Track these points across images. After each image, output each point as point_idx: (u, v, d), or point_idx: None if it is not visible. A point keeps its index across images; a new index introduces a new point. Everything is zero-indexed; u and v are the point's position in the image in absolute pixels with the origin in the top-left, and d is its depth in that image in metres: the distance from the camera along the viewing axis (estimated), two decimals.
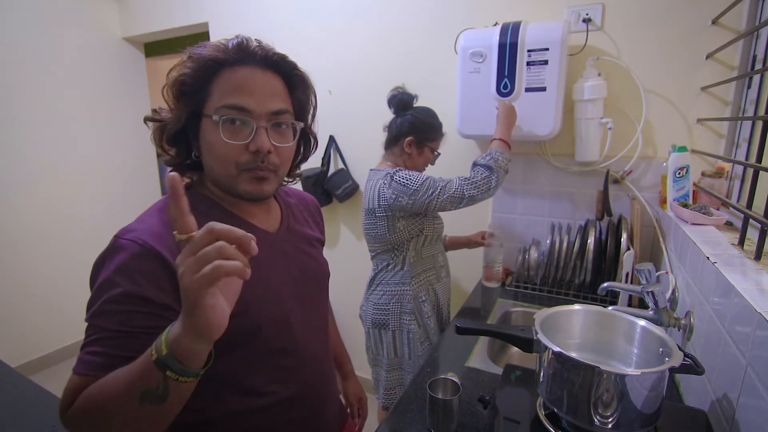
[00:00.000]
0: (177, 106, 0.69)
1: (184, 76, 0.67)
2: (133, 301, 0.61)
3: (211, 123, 0.68)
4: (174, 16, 2.60)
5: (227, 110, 0.67)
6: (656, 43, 1.50)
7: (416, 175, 1.38)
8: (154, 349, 0.53)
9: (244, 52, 0.69)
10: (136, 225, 0.66)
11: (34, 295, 2.65)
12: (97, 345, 0.60)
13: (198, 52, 0.68)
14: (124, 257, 0.62)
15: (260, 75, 0.70)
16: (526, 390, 0.88)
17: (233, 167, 0.69)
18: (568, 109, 1.60)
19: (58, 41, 2.62)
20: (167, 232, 0.63)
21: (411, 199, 1.36)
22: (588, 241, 1.51)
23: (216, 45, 0.69)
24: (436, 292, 1.56)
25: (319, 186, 2.19)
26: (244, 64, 0.69)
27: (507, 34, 1.54)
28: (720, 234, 1.06)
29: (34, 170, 2.60)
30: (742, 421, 0.70)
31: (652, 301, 1.01)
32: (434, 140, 1.52)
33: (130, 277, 0.61)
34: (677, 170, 1.29)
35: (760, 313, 0.64)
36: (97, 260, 0.64)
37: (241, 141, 0.68)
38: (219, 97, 0.68)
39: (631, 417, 0.69)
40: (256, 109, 0.68)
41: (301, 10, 2.16)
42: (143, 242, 0.62)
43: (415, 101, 1.51)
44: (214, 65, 0.68)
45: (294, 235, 0.84)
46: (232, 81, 0.68)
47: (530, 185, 1.79)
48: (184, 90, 0.68)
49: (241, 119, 0.68)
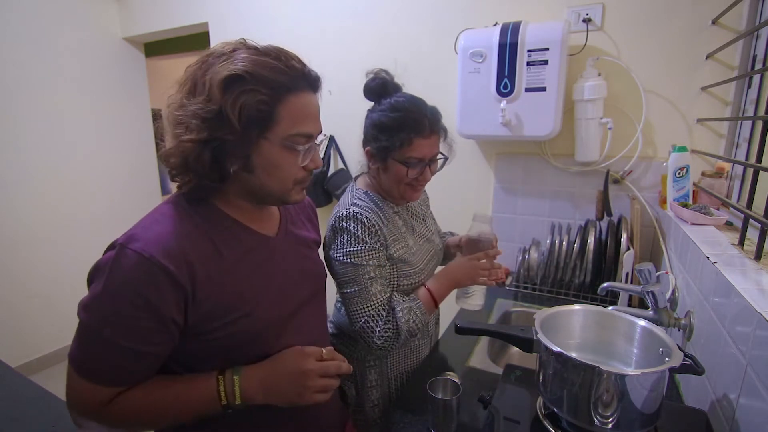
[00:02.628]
0: (246, 130, 0.65)
1: (263, 104, 0.65)
2: (147, 316, 0.62)
3: (279, 147, 0.69)
4: (174, 16, 2.60)
5: (301, 138, 0.70)
6: (656, 43, 1.50)
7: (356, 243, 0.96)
8: (224, 394, 0.67)
9: (301, 77, 0.70)
10: (141, 233, 0.65)
11: (34, 295, 2.65)
12: (107, 357, 0.63)
13: (258, 72, 0.65)
14: (131, 269, 0.61)
15: (313, 99, 0.73)
16: (526, 390, 0.88)
17: (291, 183, 0.73)
18: (568, 109, 1.60)
19: (58, 41, 2.62)
20: (174, 242, 0.65)
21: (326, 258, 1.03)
22: (588, 241, 1.51)
23: (274, 66, 0.67)
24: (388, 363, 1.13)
25: (319, 186, 2.20)
26: (303, 90, 0.70)
27: (507, 34, 1.54)
28: (720, 234, 1.06)
29: (34, 170, 2.60)
30: (742, 421, 0.70)
31: (652, 301, 1.01)
32: (402, 147, 0.98)
33: (139, 291, 0.62)
34: (677, 170, 1.29)
35: (760, 313, 0.64)
36: (100, 265, 0.64)
37: (305, 162, 0.73)
38: (290, 124, 0.68)
39: (631, 417, 0.69)
40: (316, 133, 0.74)
41: (301, 10, 2.16)
42: (150, 256, 0.62)
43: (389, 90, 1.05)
44: (285, 91, 0.67)
45: (292, 239, 0.86)
46: (299, 108, 0.69)
47: (530, 185, 1.79)
48: (257, 115, 0.65)
49: (309, 145, 0.72)
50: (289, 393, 0.71)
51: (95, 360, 0.63)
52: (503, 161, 1.83)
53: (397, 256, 1.03)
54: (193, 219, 0.69)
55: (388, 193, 1.07)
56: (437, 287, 1.06)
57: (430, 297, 1.04)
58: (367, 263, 0.96)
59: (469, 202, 1.94)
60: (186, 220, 0.69)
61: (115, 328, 0.62)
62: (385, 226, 1.02)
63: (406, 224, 1.12)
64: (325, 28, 2.11)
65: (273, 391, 0.70)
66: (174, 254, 0.63)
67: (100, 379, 0.64)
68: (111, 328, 0.62)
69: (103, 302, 0.62)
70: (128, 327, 0.62)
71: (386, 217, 1.04)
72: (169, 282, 0.63)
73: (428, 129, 1.00)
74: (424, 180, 1.05)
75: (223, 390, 0.67)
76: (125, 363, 0.64)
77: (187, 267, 0.64)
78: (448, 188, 1.93)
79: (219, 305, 0.68)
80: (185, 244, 0.65)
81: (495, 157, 1.85)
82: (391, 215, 1.07)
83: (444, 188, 1.91)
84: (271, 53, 0.68)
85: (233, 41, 0.70)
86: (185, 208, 0.70)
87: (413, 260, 1.07)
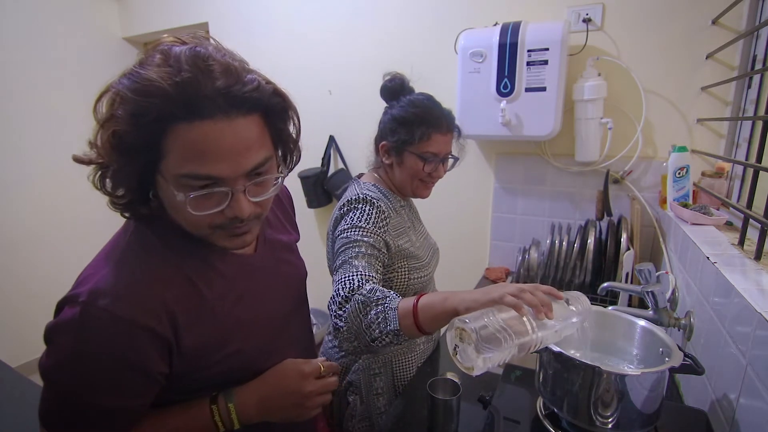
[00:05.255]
0: (121, 162, 0.53)
1: (120, 132, 0.50)
2: (129, 375, 0.56)
3: (173, 187, 0.54)
4: (174, 16, 2.60)
5: (191, 181, 0.53)
6: (656, 43, 1.50)
7: (360, 221, 0.95)
8: (221, 425, 0.64)
9: (198, 101, 0.50)
10: (105, 284, 0.55)
11: (34, 295, 2.65)
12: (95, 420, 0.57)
13: (133, 99, 0.49)
14: (105, 331, 0.53)
15: (227, 129, 0.52)
16: (526, 390, 0.88)
17: (206, 228, 0.59)
18: (568, 109, 1.60)
19: (58, 41, 2.62)
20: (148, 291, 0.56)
21: (332, 239, 1.00)
22: (588, 241, 1.51)
23: (157, 85, 0.49)
24: (394, 370, 1.11)
25: (319, 186, 2.19)
26: (202, 118, 0.51)
27: (507, 34, 1.54)
28: (720, 234, 1.06)
29: (34, 170, 2.59)
30: (742, 421, 0.70)
31: (652, 301, 1.01)
32: (420, 141, 1.02)
33: (118, 354, 0.54)
34: (677, 170, 1.29)
35: (760, 313, 0.64)
36: (61, 325, 0.55)
37: (213, 210, 0.56)
38: (177, 162, 0.52)
39: (631, 417, 0.69)
40: (230, 175, 0.54)
41: (301, 10, 2.16)
42: (125, 315, 0.54)
43: (406, 90, 1.10)
44: (166, 119, 0.50)
45: (271, 247, 0.78)
46: (190, 143, 0.51)
47: (530, 185, 1.79)
48: (124, 147, 0.51)
49: (211, 192, 0.54)
50: (289, 412, 0.69)
51: (76, 424, 0.57)
52: (503, 161, 1.83)
53: (405, 248, 1.03)
54: (160, 253, 0.60)
55: (401, 188, 1.10)
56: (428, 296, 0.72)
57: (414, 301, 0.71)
58: (362, 239, 0.92)
59: (469, 202, 1.94)
60: (153, 255, 0.59)
61: (96, 390, 0.55)
62: (393, 218, 1.02)
63: (410, 219, 1.13)
64: (326, 28, 2.11)
65: (272, 411, 0.68)
66: (151, 306, 0.56)
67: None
68: (91, 390, 0.55)
69: (76, 366, 0.54)
70: (110, 387, 0.56)
71: (394, 209, 1.06)
72: (152, 339, 0.55)
73: (446, 126, 1.05)
74: (437, 176, 1.08)
75: (219, 420, 0.64)
76: (110, 421, 0.58)
77: (167, 317, 0.57)
78: (449, 188, 1.92)
79: (205, 350, 0.62)
80: (160, 289, 0.57)
81: (495, 157, 1.85)
82: (399, 208, 1.09)
83: (444, 188, 1.91)
84: (184, 64, 0.50)
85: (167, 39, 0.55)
86: (148, 238, 0.60)
87: (419, 254, 1.08)
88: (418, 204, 1.23)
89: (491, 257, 1.92)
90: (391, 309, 0.71)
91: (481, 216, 1.92)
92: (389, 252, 0.99)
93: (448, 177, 1.39)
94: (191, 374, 0.62)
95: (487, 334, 0.59)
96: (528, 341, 0.61)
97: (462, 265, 1.96)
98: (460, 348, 0.62)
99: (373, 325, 0.71)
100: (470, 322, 0.60)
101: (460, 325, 0.61)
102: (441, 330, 1.26)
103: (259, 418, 0.67)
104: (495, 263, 1.91)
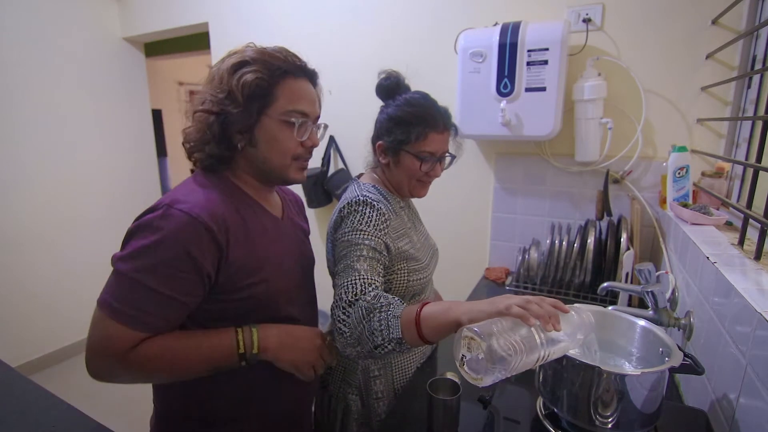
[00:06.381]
0: (247, 105, 0.77)
1: (259, 80, 0.76)
2: (189, 269, 0.69)
3: (278, 122, 0.79)
4: (174, 16, 2.60)
5: (296, 114, 0.81)
6: (656, 43, 1.50)
7: (361, 224, 0.93)
8: (242, 344, 0.74)
9: (298, 66, 0.82)
10: (183, 197, 0.73)
11: (34, 295, 2.65)
12: (144, 303, 0.68)
13: (261, 58, 0.78)
14: (180, 226, 0.69)
15: (310, 86, 0.85)
16: (526, 390, 0.88)
17: (289, 158, 0.83)
18: (568, 109, 1.60)
19: (58, 41, 2.62)
20: (215, 207, 0.74)
21: (332, 241, 0.99)
22: (588, 241, 1.51)
23: (271, 54, 0.79)
24: (393, 373, 1.09)
25: (319, 186, 2.19)
26: (299, 77, 0.82)
27: (507, 34, 1.54)
28: (720, 234, 1.06)
29: (34, 170, 2.60)
30: (742, 421, 0.70)
31: (652, 301, 1.01)
32: (417, 140, 1.01)
33: (185, 245, 0.68)
34: (677, 170, 1.29)
35: (760, 313, 0.64)
36: (144, 222, 0.70)
37: (302, 138, 0.82)
38: (286, 102, 0.79)
39: (631, 417, 0.69)
40: (312, 114, 0.84)
41: (301, 10, 2.16)
42: (197, 215, 0.70)
43: (402, 88, 1.08)
44: (280, 72, 0.79)
45: (292, 224, 0.97)
46: (296, 90, 0.81)
47: (530, 185, 1.79)
48: (257, 92, 0.77)
49: (304, 121, 0.82)
50: (297, 355, 0.80)
51: (134, 306, 0.68)
52: (503, 161, 1.83)
53: (405, 250, 1.02)
54: (221, 191, 0.79)
55: (398, 187, 1.09)
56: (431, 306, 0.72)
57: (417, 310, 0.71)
58: (363, 242, 0.91)
59: (469, 202, 1.94)
60: (218, 190, 0.79)
61: (160, 277, 0.68)
62: (393, 220, 1.02)
63: (410, 220, 1.13)
64: (325, 28, 2.11)
65: (285, 349, 0.79)
66: (216, 217, 0.72)
67: (136, 322, 0.68)
68: (155, 277, 0.68)
69: (149, 254, 0.68)
70: (171, 277, 0.68)
71: (394, 211, 1.05)
72: (211, 241, 0.71)
73: (442, 125, 1.04)
74: (434, 175, 1.07)
75: (241, 340, 0.75)
76: (162, 310, 0.69)
77: (225, 230, 0.73)
78: (449, 188, 1.93)
79: (243, 269, 0.76)
80: (223, 209, 0.75)
81: (495, 157, 1.85)
82: (398, 210, 1.08)
83: (444, 188, 1.91)
84: (275, 49, 0.81)
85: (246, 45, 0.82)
86: (213, 181, 0.80)
87: (419, 255, 1.07)
88: (418, 204, 1.23)
89: (491, 257, 1.93)
90: (394, 317, 0.71)
91: (480, 216, 1.92)
92: (389, 254, 0.98)
93: (448, 177, 1.39)
94: (224, 293, 0.75)
95: (498, 346, 0.57)
96: (537, 353, 0.60)
97: (462, 265, 1.96)
98: (468, 358, 0.60)
99: (376, 332, 0.72)
100: (480, 332, 0.58)
101: (469, 334, 0.59)
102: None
103: (274, 352, 0.78)
104: (495, 263, 1.91)
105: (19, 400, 0.91)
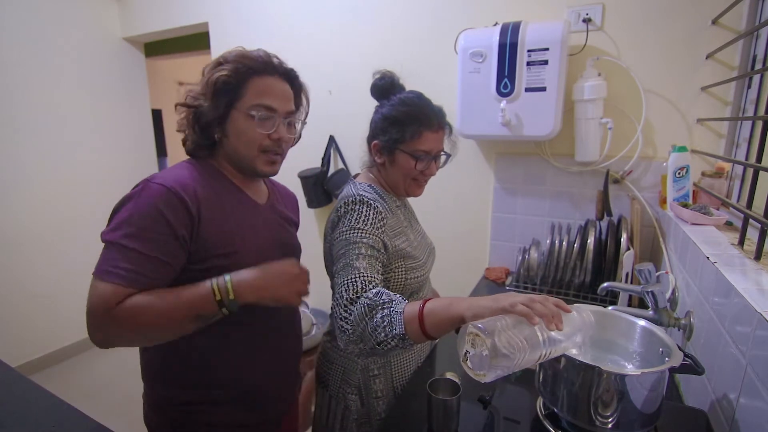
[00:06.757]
0: (215, 100, 0.86)
1: (226, 77, 0.85)
2: (166, 232, 0.78)
3: (244, 115, 0.87)
4: (174, 16, 2.60)
5: (261, 108, 0.88)
6: (656, 43, 1.50)
7: (358, 222, 0.93)
8: (217, 291, 0.77)
9: (269, 64, 0.90)
10: (161, 175, 0.83)
11: (34, 295, 2.65)
12: (130, 263, 0.75)
13: (234, 59, 0.87)
14: (155, 195, 0.78)
15: (280, 83, 0.92)
16: (526, 390, 0.88)
17: (256, 149, 0.90)
18: (568, 109, 1.60)
19: (58, 41, 2.62)
20: (188, 182, 0.83)
21: (330, 240, 0.99)
22: (588, 241, 1.51)
23: (245, 55, 0.88)
24: (393, 372, 1.09)
25: (319, 186, 2.19)
26: (269, 74, 0.90)
27: (507, 34, 1.54)
28: (720, 234, 1.06)
29: (34, 170, 2.60)
30: (742, 421, 0.70)
31: (652, 301, 1.01)
32: (411, 139, 1.01)
33: (162, 212, 0.77)
34: (677, 170, 1.29)
35: (760, 313, 0.64)
36: (125, 198, 0.80)
37: (267, 131, 0.89)
38: (253, 97, 0.88)
39: (631, 417, 0.69)
40: (279, 109, 0.90)
41: (301, 10, 2.16)
42: (170, 186, 0.79)
43: (396, 88, 1.09)
44: (248, 71, 0.87)
45: (276, 212, 1.03)
46: (262, 86, 0.89)
47: (530, 185, 1.79)
48: (224, 88, 0.86)
49: (269, 115, 0.89)
50: (279, 290, 0.82)
51: (120, 267, 0.74)
52: (503, 161, 1.83)
53: (402, 248, 1.02)
54: (201, 173, 0.89)
55: (394, 187, 1.09)
56: (434, 301, 0.72)
57: (420, 306, 0.72)
58: (361, 241, 0.91)
59: (469, 202, 1.94)
60: (196, 171, 0.88)
61: (141, 241, 0.76)
62: (390, 218, 1.02)
63: (406, 219, 1.13)
64: (325, 28, 2.11)
65: (263, 288, 0.81)
66: (188, 189, 0.81)
67: (124, 279, 0.74)
68: (136, 241, 0.76)
69: (131, 222, 0.76)
70: (150, 240, 0.76)
71: (390, 210, 1.05)
72: (183, 208, 0.80)
73: (436, 123, 1.04)
74: (429, 174, 1.08)
75: (215, 287, 0.78)
76: (148, 269, 0.76)
77: (196, 201, 0.82)
78: (448, 188, 1.93)
79: (214, 238, 0.84)
80: (196, 185, 0.84)
81: (495, 157, 1.85)
82: (395, 208, 1.08)
83: (444, 188, 1.91)
84: (254, 51, 0.90)
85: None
86: (195, 165, 0.90)
87: (416, 254, 1.07)
88: (418, 203, 1.23)
89: (491, 257, 1.93)
90: (396, 313, 0.71)
91: (480, 216, 1.92)
92: (387, 252, 0.99)
93: (448, 177, 1.39)
94: (196, 263, 0.82)
95: (502, 343, 0.58)
96: (539, 352, 0.61)
97: (462, 265, 1.96)
98: (471, 354, 0.60)
99: (379, 329, 0.72)
100: (485, 329, 0.58)
101: (474, 330, 0.59)
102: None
103: (253, 294, 0.80)
104: (495, 263, 1.91)
105: (19, 400, 0.91)
